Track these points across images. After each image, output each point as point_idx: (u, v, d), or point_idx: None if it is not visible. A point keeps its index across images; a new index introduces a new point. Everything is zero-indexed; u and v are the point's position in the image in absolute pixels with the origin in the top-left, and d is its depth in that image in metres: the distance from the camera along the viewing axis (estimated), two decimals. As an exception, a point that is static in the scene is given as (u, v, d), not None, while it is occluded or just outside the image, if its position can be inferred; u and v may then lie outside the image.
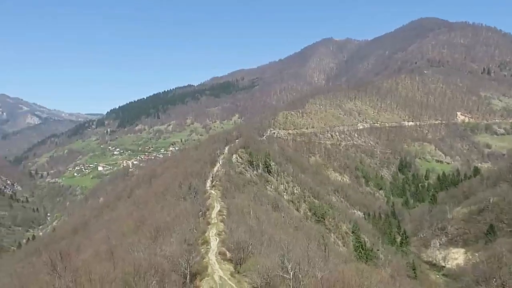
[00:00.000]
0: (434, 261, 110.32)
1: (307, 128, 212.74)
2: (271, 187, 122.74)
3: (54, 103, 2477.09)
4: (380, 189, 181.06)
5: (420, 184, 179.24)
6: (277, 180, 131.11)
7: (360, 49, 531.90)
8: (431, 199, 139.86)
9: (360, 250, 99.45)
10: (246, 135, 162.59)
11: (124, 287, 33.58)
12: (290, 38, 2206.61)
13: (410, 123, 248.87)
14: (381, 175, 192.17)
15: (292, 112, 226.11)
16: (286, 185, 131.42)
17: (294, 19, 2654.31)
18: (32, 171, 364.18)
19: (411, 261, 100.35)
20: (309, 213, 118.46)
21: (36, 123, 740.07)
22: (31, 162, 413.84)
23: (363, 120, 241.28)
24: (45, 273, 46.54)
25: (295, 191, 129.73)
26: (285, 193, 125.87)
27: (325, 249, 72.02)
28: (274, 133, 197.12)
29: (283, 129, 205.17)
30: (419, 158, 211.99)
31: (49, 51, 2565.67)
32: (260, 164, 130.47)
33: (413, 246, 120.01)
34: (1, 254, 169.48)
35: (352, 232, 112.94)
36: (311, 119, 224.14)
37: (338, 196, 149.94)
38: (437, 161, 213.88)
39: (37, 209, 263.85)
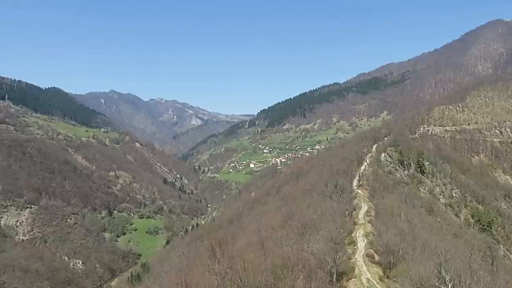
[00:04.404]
0: None
1: (468, 124, 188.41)
2: (424, 189, 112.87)
3: (213, 106, 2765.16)
4: None
5: None
6: (431, 182, 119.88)
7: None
8: None
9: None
10: (396, 132, 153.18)
11: (273, 277, 35.11)
12: (446, 25, 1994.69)
13: None
14: None
15: (450, 107, 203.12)
16: (443, 187, 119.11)
17: (451, 4, 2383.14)
18: (196, 167, 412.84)
19: None
20: (471, 220, 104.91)
21: (199, 124, 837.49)
22: (195, 159, 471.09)
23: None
24: (206, 257, 52.26)
25: (454, 194, 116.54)
26: (441, 196, 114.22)
27: (492, 262, 62.96)
28: (428, 130, 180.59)
29: (439, 126, 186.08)
30: None
31: (208, 65, 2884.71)
32: (412, 164, 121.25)
33: None
34: (173, 237, 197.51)
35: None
36: (474, 113, 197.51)
37: (509, 203, 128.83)
38: None
39: (200, 200, 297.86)
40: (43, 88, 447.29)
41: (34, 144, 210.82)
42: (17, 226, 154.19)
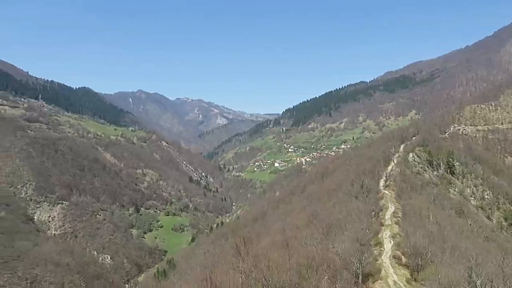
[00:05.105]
0: None
1: (502, 124, 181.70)
2: (454, 190, 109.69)
3: (238, 105, 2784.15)
4: None
5: None
6: (462, 183, 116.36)
7: None
8: None
9: None
10: (425, 132, 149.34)
11: (298, 277, 35.00)
12: (478, 21, 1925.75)
13: None
14: None
15: (483, 105, 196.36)
16: (474, 188, 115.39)
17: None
18: (221, 165, 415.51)
19: None
20: (504, 223, 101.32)
21: (224, 123, 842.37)
22: (220, 157, 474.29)
23: None
24: (231, 255, 52.60)
25: (486, 196, 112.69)
26: (472, 198, 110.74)
27: (527, 267, 60.26)
28: (458, 129, 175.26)
29: (471, 125, 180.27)
30: None
31: (233, 64, 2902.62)
32: (441, 164, 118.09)
33: None
34: (198, 234, 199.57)
35: None
36: (508, 112, 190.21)
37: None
38: None
39: (225, 198, 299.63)
40: (74, 88, 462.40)
41: (66, 142, 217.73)
42: (49, 221, 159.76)
